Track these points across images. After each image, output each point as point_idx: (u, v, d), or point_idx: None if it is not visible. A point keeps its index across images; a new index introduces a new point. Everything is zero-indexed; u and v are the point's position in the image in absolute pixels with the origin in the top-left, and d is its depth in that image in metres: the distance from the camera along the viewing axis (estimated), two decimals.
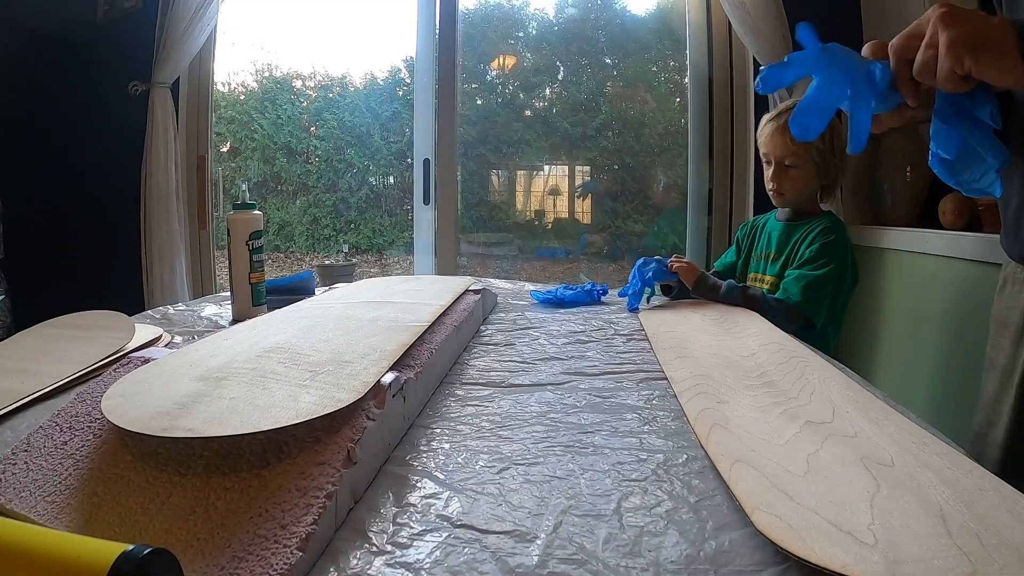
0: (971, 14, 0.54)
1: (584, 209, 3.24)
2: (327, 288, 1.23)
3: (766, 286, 1.30)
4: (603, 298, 1.32)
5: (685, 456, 0.53)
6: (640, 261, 1.26)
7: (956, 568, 0.34)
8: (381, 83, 3.80)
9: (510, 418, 0.61)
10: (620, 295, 1.26)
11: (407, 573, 0.36)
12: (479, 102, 3.22)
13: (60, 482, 0.43)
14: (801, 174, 1.25)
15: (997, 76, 0.52)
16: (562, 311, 1.19)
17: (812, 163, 1.23)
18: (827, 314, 1.19)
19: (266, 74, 3.86)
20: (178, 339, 0.91)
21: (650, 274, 1.22)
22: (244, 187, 1.10)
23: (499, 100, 3.28)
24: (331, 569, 0.37)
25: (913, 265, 1.55)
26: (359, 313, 0.81)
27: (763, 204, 1.68)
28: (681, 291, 1.27)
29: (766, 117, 1.32)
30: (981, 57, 0.52)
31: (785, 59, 0.61)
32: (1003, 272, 0.78)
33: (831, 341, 1.24)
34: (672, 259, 1.26)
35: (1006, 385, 0.72)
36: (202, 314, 1.10)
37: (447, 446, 0.55)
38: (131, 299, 1.94)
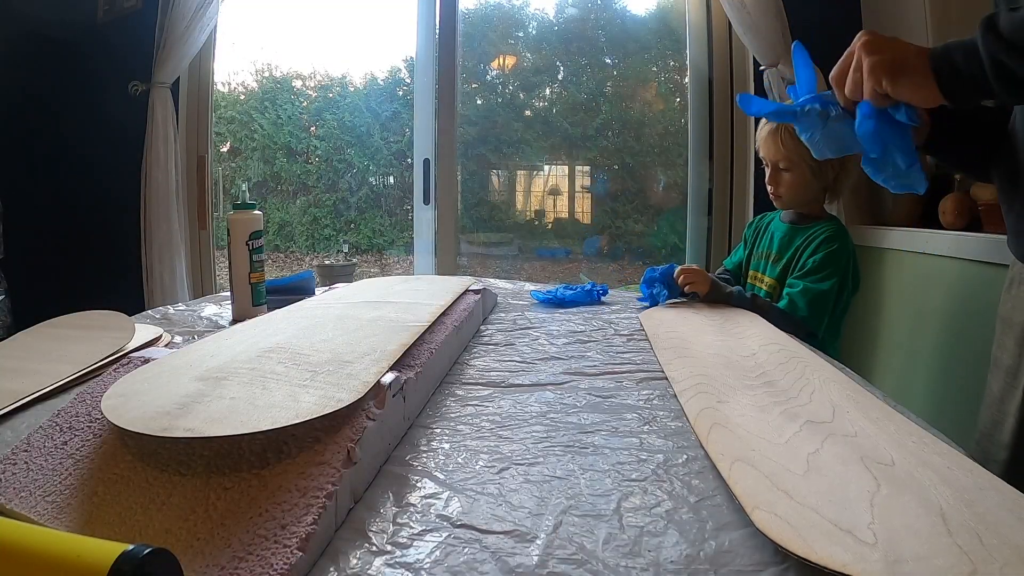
0: (890, 43, 0.64)
1: (584, 209, 3.23)
2: (327, 288, 1.23)
3: (764, 287, 1.30)
4: (603, 298, 1.32)
5: (685, 456, 0.53)
6: (647, 276, 1.23)
7: (956, 567, 0.34)
8: (381, 83, 3.81)
9: (510, 418, 0.61)
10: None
11: (407, 573, 0.36)
12: (479, 102, 3.22)
13: (60, 482, 0.43)
14: (795, 177, 1.24)
15: (912, 95, 0.62)
16: (562, 311, 1.19)
17: (806, 166, 1.23)
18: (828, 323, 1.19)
19: (266, 74, 3.86)
20: (178, 339, 0.91)
21: (661, 298, 1.20)
22: (244, 187, 1.10)
23: (499, 100, 3.28)
24: (331, 569, 0.37)
25: (914, 265, 1.55)
26: (359, 313, 0.81)
27: (763, 204, 1.68)
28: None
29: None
30: (898, 79, 0.62)
31: (773, 108, 0.79)
32: (1009, 272, 0.77)
33: (829, 347, 1.23)
34: (679, 272, 1.22)
35: (1011, 385, 0.72)
36: (202, 314, 1.10)
37: (447, 446, 0.55)
38: (131, 299, 1.94)
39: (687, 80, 2.24)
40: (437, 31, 2.14)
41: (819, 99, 0.74)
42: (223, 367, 0.55)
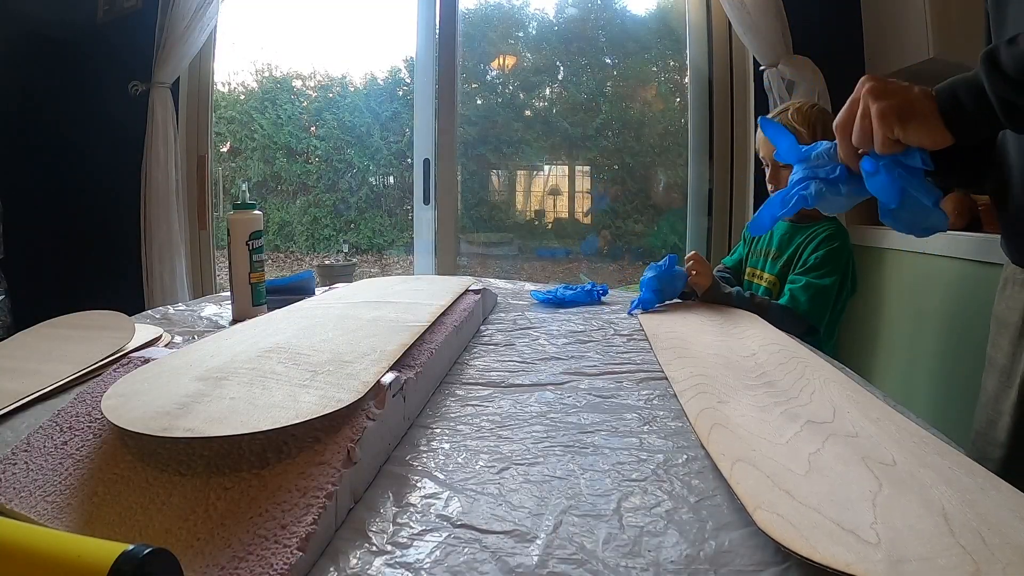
0: (895, 87, 0.63)
1: (584, 209, 3.24)
2: (327, 288, 1.23)
3: (764, 284, 1.30)
4: (603, 298, 1.32)
5: (685, 456, 0.53)
6: (644, 280, 1.18)
7: (960, 567, 0.34)
8: (381, 83, 3.81)
9: (510, 418, 0.61)
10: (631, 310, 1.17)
11: (407, 573, 0.36)
12: (479, 102, 3.22)
13: (60, 482, 0.43)
14: None
15: (923, 139, 0.61)
16: (562, 311, 1.19)
17: None
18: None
19: (266, 74, 3.86)
20: (178, 339, 0.91)
21: (648, 305, 1.15)
22: (244, 187, 1.10)
23: (499, 100, 3.28)
24: (331, 569, 0.37)
25: (913, 265, 1.55)
26: (359, 313, 0.81)
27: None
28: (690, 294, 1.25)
29: (763, 119, 1.32)
30: (908, 124, 0.60)
31: (780, 212, 0.76)
32: (1003, 273, 0.78)
33: (824, 347, 1.23)
34: (688, 258, 1.20)
35: (1006, 385, 0.73)
36: (202, 314, 1.10)
37: (447, 446, 0.55)
38: (131, 299, 1.94)
39: (687, 80, 2.24)
40: (437, 31, 2.14)
41: (812, 172, 0.71)
42: (223, 367, 0.55)
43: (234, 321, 1.02)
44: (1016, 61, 0.54)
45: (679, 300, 1.22)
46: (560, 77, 3.27)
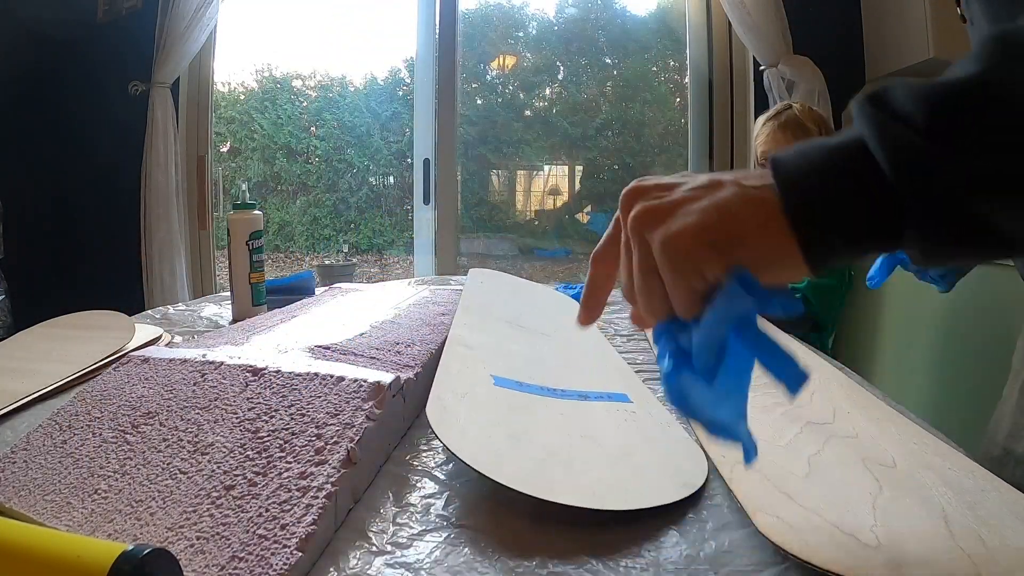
0: (683, 195, 0.32)
1: (584, 209, 3.24)
2: (326, 288, 1.23)
3: None
4: None
5: None
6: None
7: (960, 570, 0.34)
8: (381, 83, 3.80)
9: None
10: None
11: (407, 573, 0.36)
12: (479, 102, 3.22)
13: (60, 481, 0.43)
14: None
15: (762, 274, 0.31)
16: None
17: None
18: None
19: (266, 74, 3.86)
20: (178, 339, 0.91)
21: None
22: (244, 187, 1.10)
23: (499, 100, 3.28)
24: (331, 569, 0.37)
25: None
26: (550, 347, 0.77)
27: None
28: None
29: (763, 117, 1.32)
30: (726, 256, 0.31)
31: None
32: None
33: (827, 340, 1.25)
34: None
35: None
36: (202, 314, 1.10)
37: None
38: (131, 299, 1.93)
39: (687, 80, 2.24)
40: (437, 31, 2.14)
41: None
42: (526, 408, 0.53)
43: (234, 321, 1.02)
44: (921, 99, 0.28)
45: None
46: (560, 77, 3.27)
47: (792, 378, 0.34)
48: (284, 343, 0.67)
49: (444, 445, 0.44)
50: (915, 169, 0.27)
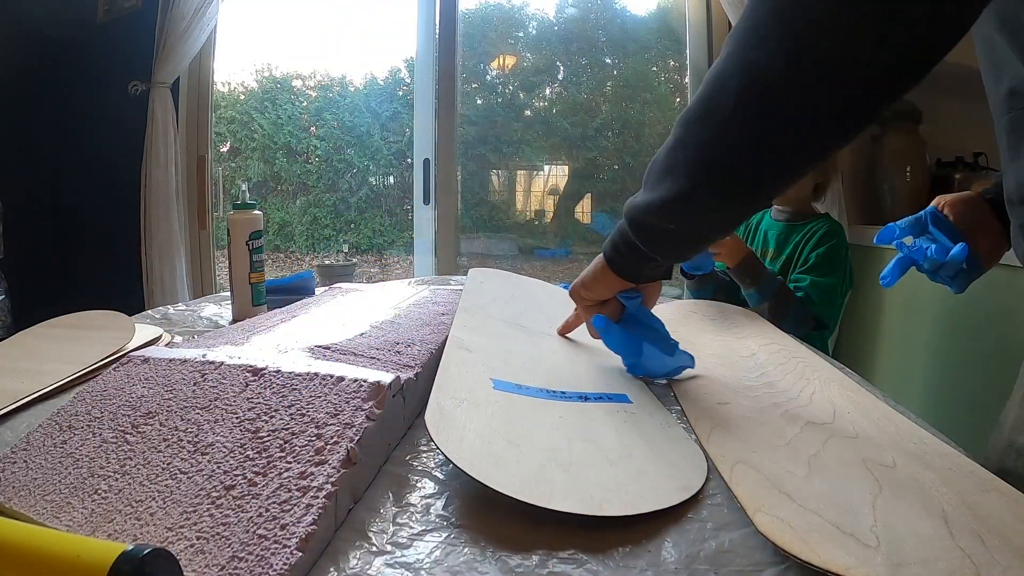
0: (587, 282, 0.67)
1: (584, 209, 3.24)
2: (326, 288, 1.23)
3: None
4: None
5: None
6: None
7: (960, 571, 0.34)
8: (381, 83, 3.81)
9: None
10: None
11: (407, 573, 0.36)
12: (479, 102, 3.23)
13: (60, 481, 0.43)
14: None
15: (600, 292, 0.68)
16: None
17: None
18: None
19: (266, 74, 3.86)
20: (178, 339, 0.91)
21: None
22: (244, 187, 1.10)
23: (499, 100, 3.28)
24: (331, 569, 0.37)
25: None
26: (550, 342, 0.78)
27: None
28: (701, 282, 1.22)
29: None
30: (592, 285, 0.67)
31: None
32: None
33: (828, 340, 1.26)
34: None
35: None
36: (202, 314, 1.10)
37: None
38: (131, 299, 1.94)
39: (687, 80, 2.24)
40: (437, 31, 2.14)
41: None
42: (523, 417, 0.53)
43: (234, 321, 1.02)
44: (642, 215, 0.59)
45: (688, 289, 1.23)
46: (560, 77, 3.27)
47: (667, 345, 0.70)
48: (284, 343, 0.67)
49: (442, 453, 0.44)
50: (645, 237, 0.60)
